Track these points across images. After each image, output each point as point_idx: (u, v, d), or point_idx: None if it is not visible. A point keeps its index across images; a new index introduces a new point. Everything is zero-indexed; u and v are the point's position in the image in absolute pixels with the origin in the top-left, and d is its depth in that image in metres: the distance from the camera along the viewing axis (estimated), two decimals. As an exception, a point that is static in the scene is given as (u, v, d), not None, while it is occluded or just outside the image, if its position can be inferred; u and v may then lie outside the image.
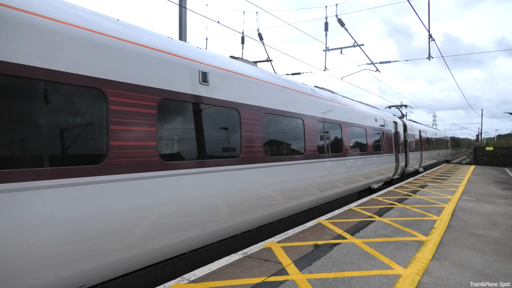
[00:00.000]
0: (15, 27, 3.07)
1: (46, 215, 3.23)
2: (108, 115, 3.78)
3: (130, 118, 4.01)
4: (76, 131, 3.58)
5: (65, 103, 3.54)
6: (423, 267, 4.63)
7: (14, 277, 3.04)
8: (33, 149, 3.27)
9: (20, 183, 3.07)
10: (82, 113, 3.70)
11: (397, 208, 8.77)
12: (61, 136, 3.45)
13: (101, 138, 3.74)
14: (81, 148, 3.61)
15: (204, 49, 5.85)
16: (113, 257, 3.82)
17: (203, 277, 4.19)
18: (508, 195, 11.79)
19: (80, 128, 3.62)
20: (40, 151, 3.30)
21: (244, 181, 5.78)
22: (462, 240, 5.99)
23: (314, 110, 8.36)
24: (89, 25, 3.78)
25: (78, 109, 3.67)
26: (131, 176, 3.97)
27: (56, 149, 3.42)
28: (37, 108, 3.28)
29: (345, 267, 4.58)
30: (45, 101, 3.34)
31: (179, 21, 11.12)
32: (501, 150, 31.13)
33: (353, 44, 14.72)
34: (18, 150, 3.17)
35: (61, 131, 3.45)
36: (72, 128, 3.55)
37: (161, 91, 4.42)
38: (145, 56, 4.29)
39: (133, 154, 4.01)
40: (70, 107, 3.60)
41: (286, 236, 6.04)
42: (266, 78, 6.85)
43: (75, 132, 3.57)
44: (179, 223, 4.58)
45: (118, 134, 3.87)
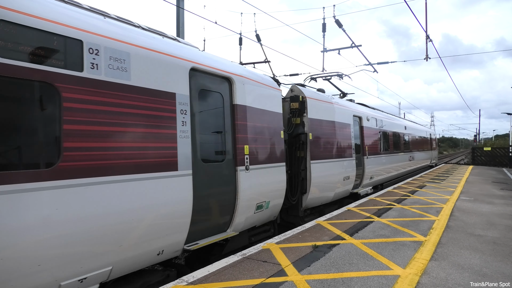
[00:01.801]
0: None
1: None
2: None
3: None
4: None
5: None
6: (422, 267, 4.63)
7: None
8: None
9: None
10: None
11: (395, 208, 8.78)
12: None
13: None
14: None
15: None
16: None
17: (202, 278, 4.18)
18: (506, 195, 11.82)
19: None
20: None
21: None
22: (460, 240, 6.00)
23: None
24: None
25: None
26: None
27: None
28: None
29: (344, 268, 4.58)
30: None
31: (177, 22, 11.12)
32: (499, 150, 31.21)
33: (350, 45, 14.75)
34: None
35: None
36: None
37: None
38: None
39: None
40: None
41: (285, 237, 6.03)
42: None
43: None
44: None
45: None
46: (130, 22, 4.79)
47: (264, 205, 6.36)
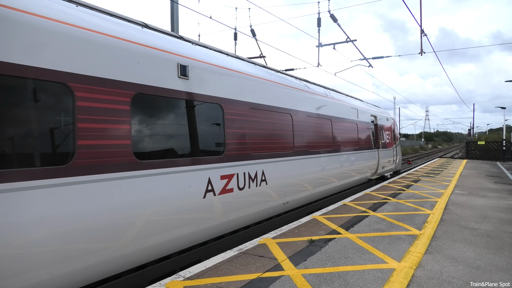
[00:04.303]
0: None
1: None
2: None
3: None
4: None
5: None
6: (417, 260, 4.68)
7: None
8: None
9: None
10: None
11: (390, 202, 8.84)
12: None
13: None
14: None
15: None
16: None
17: (198, 274, 4.19)
18: (499, 188, 11.95)
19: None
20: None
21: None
22: (454, 233, 6.06)
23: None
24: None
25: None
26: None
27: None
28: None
29: (340, 262, 4.61)
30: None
31: (171, 17, 11.02)
32: (493, 144, 31.49)
33: (346, 40, 14.74)
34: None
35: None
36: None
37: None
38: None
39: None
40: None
41: (281, 232, 6.06)
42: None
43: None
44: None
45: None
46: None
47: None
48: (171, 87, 4.68)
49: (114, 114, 3.91)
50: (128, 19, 4.79)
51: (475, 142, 34.07)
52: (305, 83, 9.36)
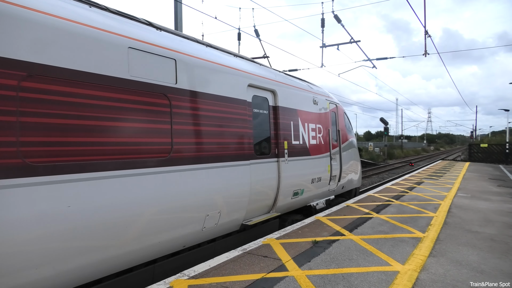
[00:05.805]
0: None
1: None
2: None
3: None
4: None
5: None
6: (421, 263, 4.68)
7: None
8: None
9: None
10: None
11: (394, 205, 8.83)
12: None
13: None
14: None
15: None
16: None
17: (203, 273, 4.20)
18: (502, 192, 11.91)
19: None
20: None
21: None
22: (458, 237, 6.05)
23: None
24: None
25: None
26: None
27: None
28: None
29: (344, 264, 4.62)
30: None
31: (175, 17, 11.04)
32: (496, 147, 31.36)
33: (349, 41, 14.72)
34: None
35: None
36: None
37: None
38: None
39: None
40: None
41: (285, 232, 6.07)
42: None
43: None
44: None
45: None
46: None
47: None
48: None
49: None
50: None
51: (478, 145, 33.92)
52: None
